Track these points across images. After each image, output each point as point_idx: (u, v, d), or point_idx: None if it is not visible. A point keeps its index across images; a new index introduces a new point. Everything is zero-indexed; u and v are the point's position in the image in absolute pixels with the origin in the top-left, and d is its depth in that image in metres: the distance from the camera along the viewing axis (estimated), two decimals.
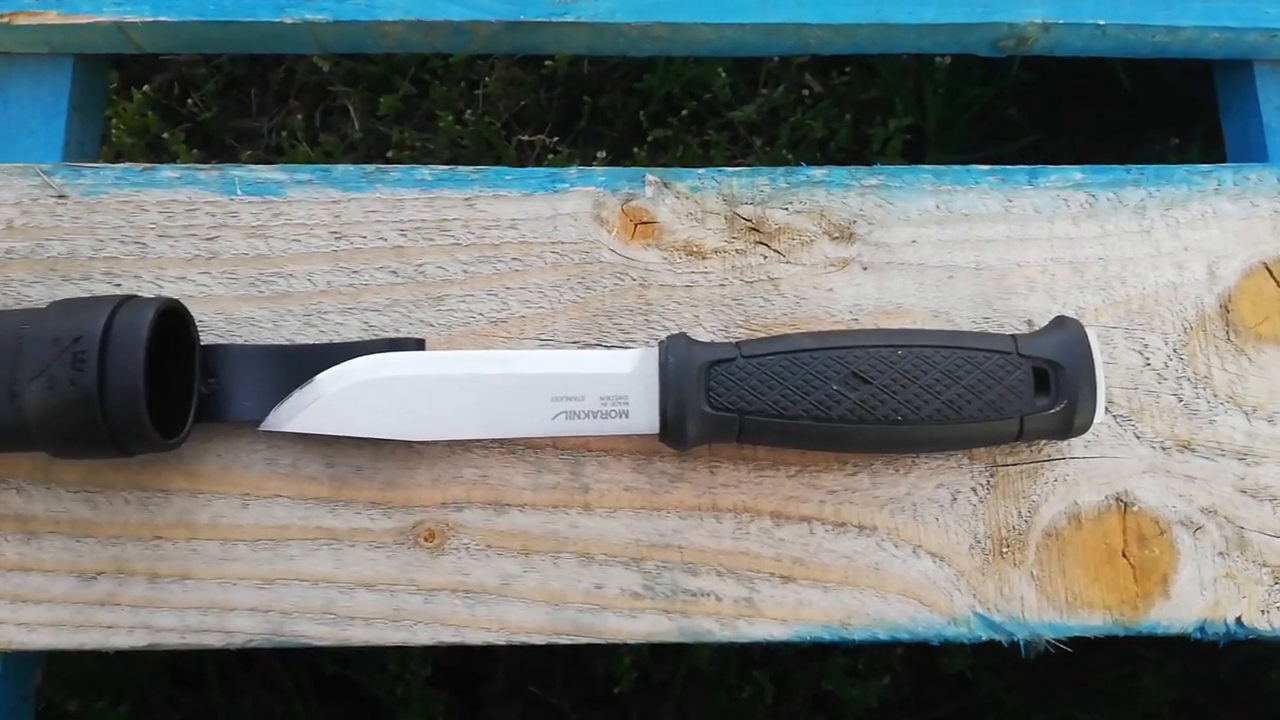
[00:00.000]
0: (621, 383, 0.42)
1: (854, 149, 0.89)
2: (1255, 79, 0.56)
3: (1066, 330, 0.42)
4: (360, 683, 0.78)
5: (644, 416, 0.42)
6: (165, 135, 0.82)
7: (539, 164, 0.90)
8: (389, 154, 0.87)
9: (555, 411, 0.42)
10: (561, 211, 0.48)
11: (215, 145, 0.88)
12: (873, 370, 0.41)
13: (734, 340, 0.45)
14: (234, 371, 0.44)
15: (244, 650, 0.44)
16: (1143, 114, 0.83)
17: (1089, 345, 0.42)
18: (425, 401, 0.43)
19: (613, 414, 0.42)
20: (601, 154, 0.87)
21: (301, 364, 0.44)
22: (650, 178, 0.48)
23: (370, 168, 0.48)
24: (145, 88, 0.85)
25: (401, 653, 0.75)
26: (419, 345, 0.45)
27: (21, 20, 0.51)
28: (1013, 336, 0.42)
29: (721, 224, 0.48)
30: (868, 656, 0.80)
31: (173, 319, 0.42)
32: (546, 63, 0.90)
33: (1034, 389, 0.41)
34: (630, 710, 0.80)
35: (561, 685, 0.81)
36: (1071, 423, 0.42)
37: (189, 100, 0.88)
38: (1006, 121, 0.84)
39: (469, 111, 0.89)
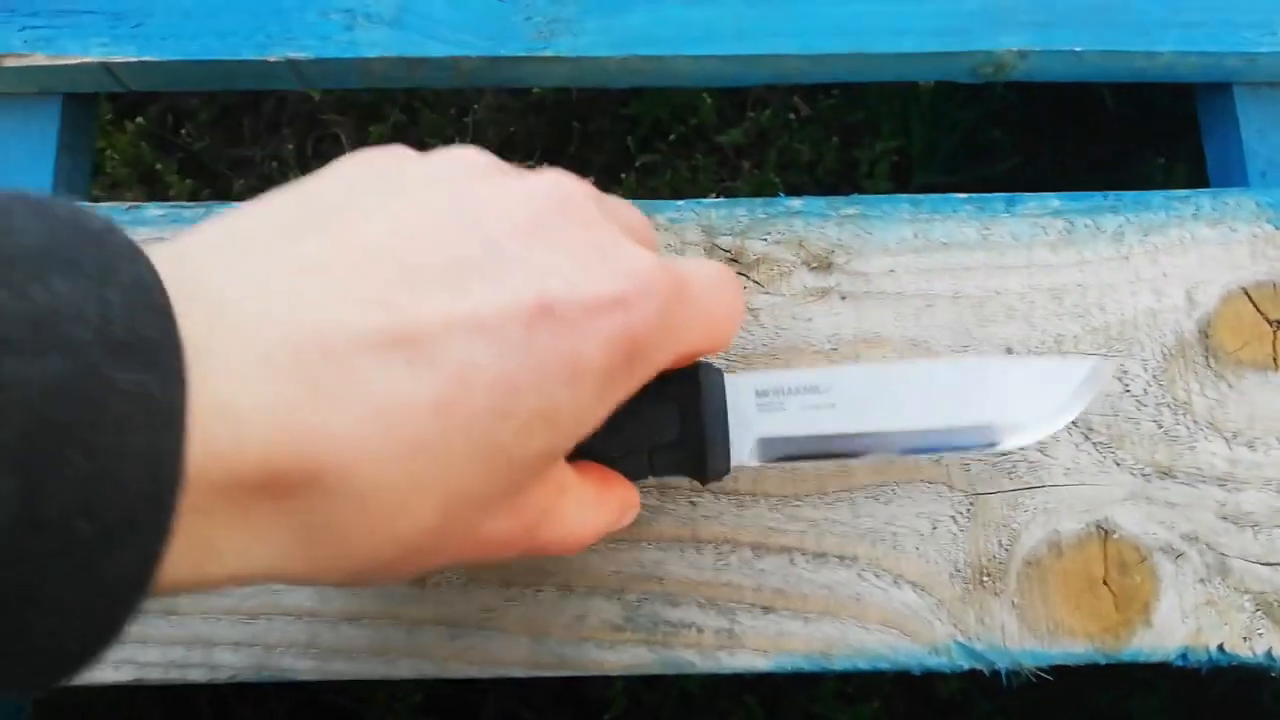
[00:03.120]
0: None
1: (842, 171, 0.90)
2: (1235, 102, 0.56)
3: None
4: (353, 711, 0.78)
5: None
6: (159, 165, 0.83)
7: None
8: None
9: None
10: None
11: (208, 175, 0.89)
12: None
13: None
14: None
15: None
16: (1128, 134, 0.84)
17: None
18: None
19: None
20: (590, 179, 0.87)
21: None
22: None
23: None
24: (138, 119, 0.85)
25: (392, 681, 0.75)
26: None
27: (10, 62, 0.51)
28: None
29: (701, 255, 0.48)
30: (859, 680, 0.80)
31: None
32: (534, 90, 0.91)
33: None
34: None
35: (553, 710, 0.81)
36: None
37: (182, 130, 0.89)
38: (992, 143, 0.85)
39: (458, 139, 0.90)
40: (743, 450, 0.41)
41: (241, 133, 0.91)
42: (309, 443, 0.24)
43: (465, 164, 0.31)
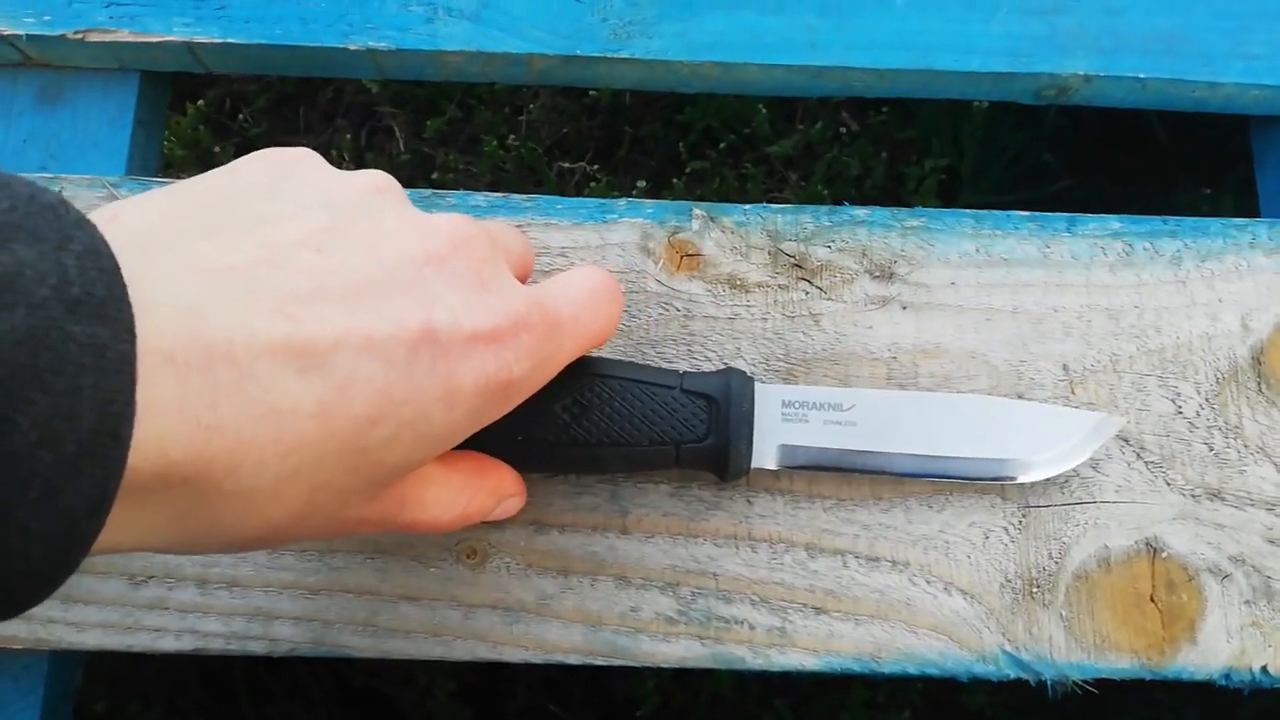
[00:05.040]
0: None
1: (889, 187, 0.91)
2: None
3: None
4: (387, 695, 0.79)
5: None
6: (216, 149, 0.84)
7: (579, 190, 0.91)
8: (433, 175, 0.89)
9: None
10: (610, 241, 0.49)
11: None
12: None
13: None
14: None
15: (276, 658, 0.45)
16: (1176, 163, 0.84)
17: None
18: None
19: None
20: (641, 183, 0.88)
21: None
22: (697, 211, 0.50)
23: (426, 191, 0.50)
24: (199, 102, 0.87)
25: (429, 667, 0.76)
26: None
27: (95, 37, 0.53)
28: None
29: (765, 259, 0.49)
30: (888, 690, 0.80)
31: None
32: (590, 92, 0.92)
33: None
34: None
35: (582, 706, 0.81)
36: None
37: (240, 116, 0.91)
38: (1041, 166, 0.86)
39: (512, 136, 0.91)
40: (764, 455, 0.44)
41: (297, 121, 0.92)
42: (205, 442, 0.26)
43: (378, 190, 0.34)
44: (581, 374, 0.42)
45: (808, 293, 0.49)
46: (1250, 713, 0.79)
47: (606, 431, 0.42)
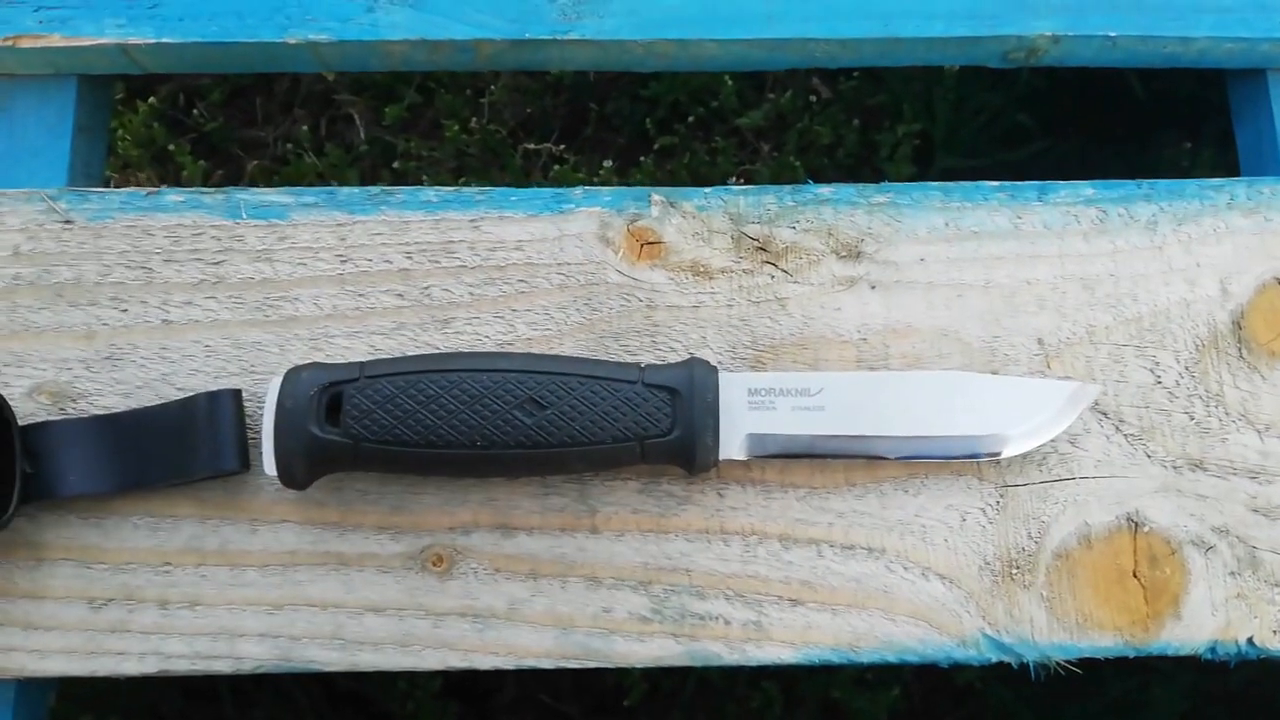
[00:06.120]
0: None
1: (862, 154, 0.89)
2: (1269, 88, 0.55)
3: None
4: (372, 697, 0.78)
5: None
6: (171, 147, 0.82)
7: (545, 172, 0.89)
8: (395, 164, 0.87)
9: None
10: (567, 232, 0.47)
11: (221, 156, 0.88)
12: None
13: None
14: (58, 448, 0.43)
15: None
16: (1155, 119, 0.83)
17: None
18: None
19: None
20: (608, 162, 0.86)
21: (123, 432, 0.44)
22: (656, 197, 0.48)
23: (375, 190, 0.48)
24: (151, 99, 0.84)
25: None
26: (236, 397, 0.44)
27: (25, 43, 0.51)
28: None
29: (728, 243, 0.48)
30: (878, 667, 0.80)
31: None
32: (552, 71, 0.90)
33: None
34: None
35: (571, 695, 0.81)
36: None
37: (194, 111, 0.88)
38: (1016, 127, 0.84)
39: (475, 120, 0.89)
40: (731, 445, 0.43)
41: (254, 113, 0.90)
42: None
43: None
44: (538, 372, 0.41)
45: (773, 276, 0.47)
46: (1243, 676, 0.79)
47: (567, 431, 0.41)
